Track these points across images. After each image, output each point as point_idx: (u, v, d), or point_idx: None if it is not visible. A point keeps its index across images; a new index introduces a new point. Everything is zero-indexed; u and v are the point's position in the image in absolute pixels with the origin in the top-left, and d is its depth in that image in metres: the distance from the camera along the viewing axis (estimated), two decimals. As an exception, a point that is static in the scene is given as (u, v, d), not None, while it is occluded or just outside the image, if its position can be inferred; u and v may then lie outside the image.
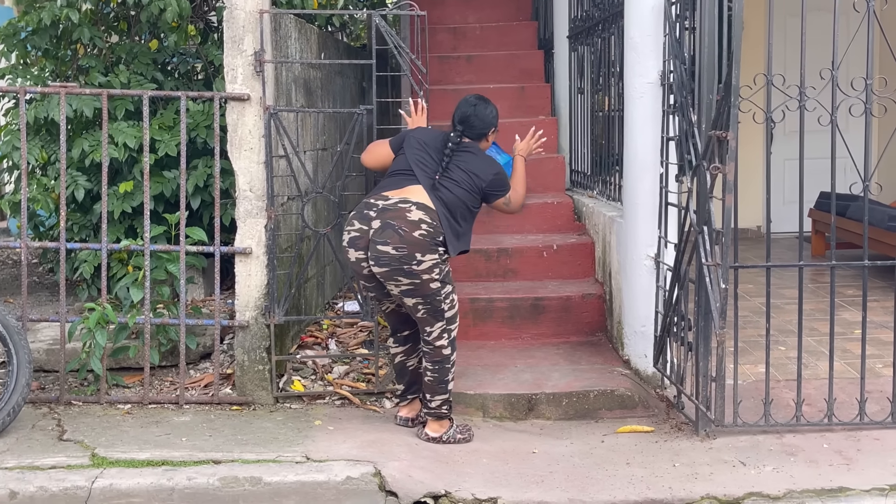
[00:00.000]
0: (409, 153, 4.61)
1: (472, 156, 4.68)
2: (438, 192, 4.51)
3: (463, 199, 4.57)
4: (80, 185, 6.04)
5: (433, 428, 4.63)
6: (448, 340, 4.59)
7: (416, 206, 4.42)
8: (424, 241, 4.37)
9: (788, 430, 4.59)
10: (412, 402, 4.86)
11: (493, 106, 4.83)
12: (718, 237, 4.38)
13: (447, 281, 4.55)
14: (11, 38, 6.50)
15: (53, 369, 5.34)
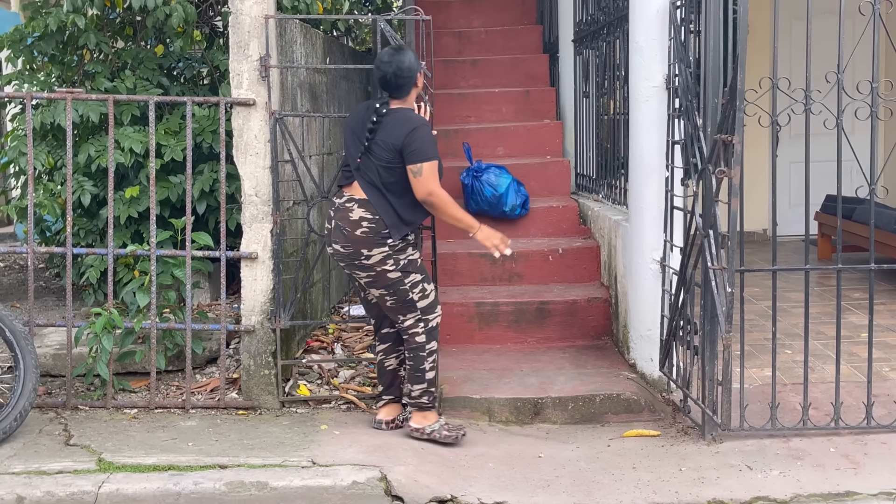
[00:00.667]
0: (346, 145, 4.64)
1: (393, 123, 4.44)
2: (364, 176, 4.49)
3: (389, 171, 4.45)
4: (86, 190, 6.05)
5: (416, 419, 4.66)
6: (424, 329, 4.61)
7: (357, 203, 4.48)
8: (367, 237, 4.45)
9: (795, 434, 4.58)
10: (389, 404, 4.83)
11: (410, 52, 4.54)
12: (724, 241, 4.37)
13: (410, 270, 4.55)
14: (18, 43, 6.53)
15: (60, 374, 5.35)
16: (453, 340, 5.95)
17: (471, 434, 4.80)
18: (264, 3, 4.97)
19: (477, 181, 6.76)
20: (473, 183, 6.77)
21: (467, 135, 7.51)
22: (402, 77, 4.46)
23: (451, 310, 5.97)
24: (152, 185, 5.11)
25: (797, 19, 8.10)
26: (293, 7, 5.99)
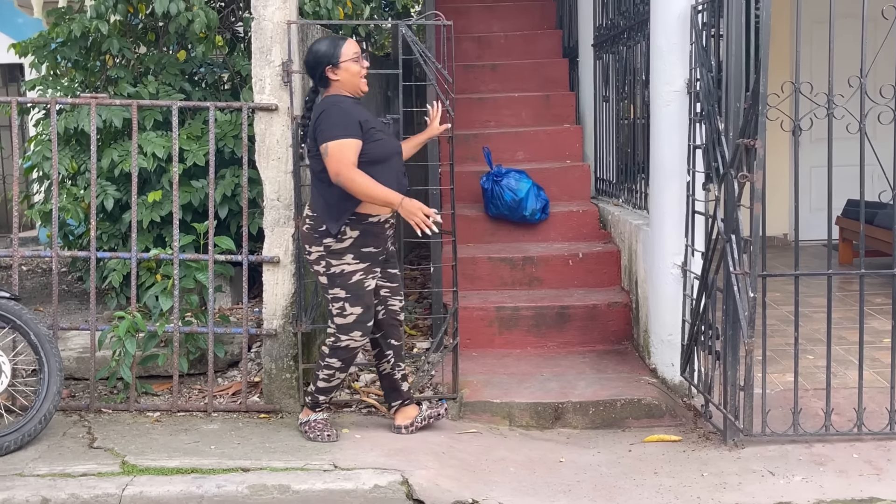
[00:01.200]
0: None
1: (315, 111, 4.45)
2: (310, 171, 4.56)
3: (316, 160, 4.42)
4: (109, 194, 6.10)
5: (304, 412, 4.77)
6: (333, 344, 4.56)
7: (309, 198, 4.64)
8: (308, 233, 4.52)
9: (817, 439, 4.56)
10: (401, 408, 4.84)
11: (324, 42, 4.46)
12: (746, 245, 4.37)
13: (337, 283, 4.46)
14: (42, 49, 6.59)
15: (83, 377, 5.39)
16: (473, 345, 5.96)
17: (491, 438, 4.81)
18: (287, 8, 4.99)
19: (497, 185, 6.76)
20: (493, 187, 6.78)
21: (487, 139, 7.52)
22: (308, 67, 4.49)
23: (471, 314, 5.99)
24: (175, 189, 5.14)
25: (818, 23, 8.08)
26: (314, 13, 6.02)
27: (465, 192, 6.90)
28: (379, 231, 4.50)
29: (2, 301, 4.63)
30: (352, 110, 4.38)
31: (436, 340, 5.48)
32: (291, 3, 5.03)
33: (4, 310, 4.61)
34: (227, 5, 6.97)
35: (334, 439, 4.62)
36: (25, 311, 4.67)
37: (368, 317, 4.56)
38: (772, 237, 9.19)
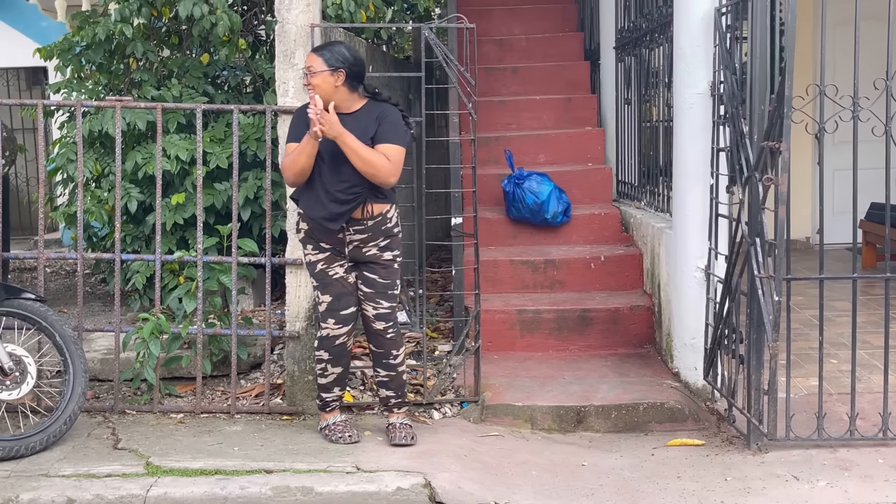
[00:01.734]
0: None
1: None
2: None
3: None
4: (132, 196, 6.14)
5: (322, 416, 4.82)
6: (317, 337, 4.69)
7: None
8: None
9: (842, 444, 4.53)
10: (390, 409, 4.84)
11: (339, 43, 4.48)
12: (771, 249, 4.35)
13: (310, 273, 4.64)
14: (66, 53, 6.64)
15: (108, 378, 5.42)
16: (495, 347, 5.95)
17: (514, 442, 4.81)
18: (310, 12, 5.01)
19: (518, 188, 6.76)
20: (515, 190, 6.77)
21: (508, 142, 7.51)
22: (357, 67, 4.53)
23: (492, 317, 5.98)
24: (199, 192, 5.17)
25: (841, 25, 8.03)
26: (337, 16, 6.04)
27: (486, 195, 6.89)
28: (328, 231, 4.50)
29: (27, 303, 4.66)
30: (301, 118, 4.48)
31: (457, 343, 5.49)
32: (315, 7, 5.05)
33: (30, 311, 4.65)
34: (249, 9, 7.00)
35: (355, 440, 4.62)
36: (51, 313, 4.71)
37: (340, 306, 4.56)
38: (794, 240, 9.13)
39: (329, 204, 4.43)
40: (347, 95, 4.43)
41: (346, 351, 4.67)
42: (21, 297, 4.67)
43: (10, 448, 4.36)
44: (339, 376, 4.69)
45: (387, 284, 4.59)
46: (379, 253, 4.57)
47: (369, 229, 4.51)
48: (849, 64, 4.57)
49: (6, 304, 4.59)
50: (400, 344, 4.71)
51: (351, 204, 4.43)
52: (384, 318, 4.61)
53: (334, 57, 4.37)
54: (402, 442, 4.61)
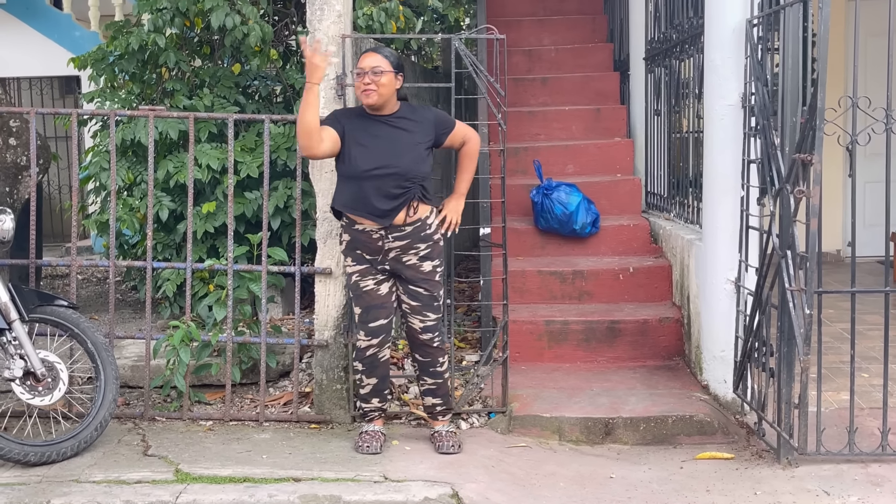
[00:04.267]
0: None
1: None
2: None
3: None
4: (164, 205, 6.19)
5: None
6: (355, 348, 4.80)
7: None
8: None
9: (873, 459, 4.49)
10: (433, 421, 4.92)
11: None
12: (802, 262, 4.32)
13: (348, 283, 4.74)
14: (100, 62, 6.71)
15: (138, 385, 5.46)
16: (522, 358, 5.95)
17: (541, 453, 4.80)
18: (341, 22, 5.04)
19: (547, 199, 6.76)
20: (544, 201, 6.77)
21: (537, 152, 7.51)
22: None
23: (520, 327, 5.98)
24: (230, 200, 5.20)
25: (872, 37, 7.97)
26: (367, 26, 6.07)
27: (514, 206, 6.90)
28: (366, 240, 4.55)
29: (60, 309, 4.71)
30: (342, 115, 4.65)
31: (485, 353, 5.49)
32: (346, 18, 5.08)
33: (63, 318, 4.70)
34: (280, 19, 7.05)
35: (374, 451, 4.60)
36: (83, 320, 4.75)
37: (369, 318, 4.61)
38: (825, 253, 9.02)
39: (380, 200, 4.49)
40: (394, 98, 4.58)
41: (380, 362, 4.69)
42: (54, 303, 4.72)
43: (41, 453, 4.41)
44: (376, 387, 4.72)
45: (432, 297, 4.64)
46: (419, 262, 4.59)
47: (408, 235, 4.54)
48: (881, 75, 4.54)
49: (39, 310, 4.64)
50: (445, 352, 4.78)
51: (401, 199, 4.50)
52: (431, 329, 4.67)
53: (396, 60, 4.54)
54: (450, 450, 4.64)
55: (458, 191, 4.79)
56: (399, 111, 4.60)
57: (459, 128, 4.71)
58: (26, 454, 4.37)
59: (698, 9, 5.83)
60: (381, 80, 4.44)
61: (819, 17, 4.19)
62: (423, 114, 4.66)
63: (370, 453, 4.60)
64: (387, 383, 4.78)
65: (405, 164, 4.49)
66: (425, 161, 4.57)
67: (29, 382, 4.53)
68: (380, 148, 4.50)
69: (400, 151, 4.50)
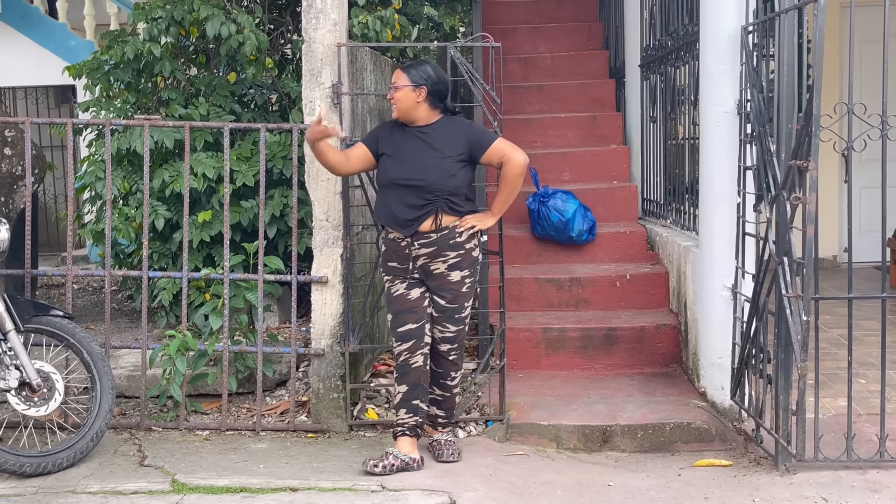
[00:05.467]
0: None
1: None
2: None
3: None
4: (159, 214, 6.18)
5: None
6: None
7: None
8: None
9: (871, 465, 4.48)
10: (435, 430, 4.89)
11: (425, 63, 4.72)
12: (799, 268, 4.31)
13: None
14: (96, 71, 6.70)
15: (134, 395, 5.44)
16: (519, 366, 5.94)
17: (539, 461, 4.79)
18: (337, 31, 5.04)
19: (543, 206, 6.76)
20: (540, 208, 6.77)
21: (533, 160, 7.43)
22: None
23: (517, 335, 5.97)
24: (226, 209, 5.20)
25: (867, 43, 7.99)
26: (363, 35, 6.07)
27: (511, 213, 6.83)
28: (395, 248, 4.58)
29: (56, 319, 4.70)
30: (381, 133, 4.72)
31: (482, 361, 5.48)
32: (342, 26, 5.09)
33: (59, 328, 4.68)
34: (276, 28, 7.05)
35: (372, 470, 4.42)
36: (79, 330, 4.74)
37: (398, 322, 4.59)
38: (821, 259, 9.04)
39: (402, 209, 4.53)
40: (428, 112, 4.60)
41: (411, 368, 4.58)
42: (49, 313, 4.71)
43: (37, 464, 4.39)
44: (405, 396, 4.58)
45: (454, 309, 4.60)
46: (447, 272, 4.56)
47: (435, 242, 4.53)
48: (874, 82, 4.54)
49: (35, 320, 4.63)
50: (459, 367, 4.73)
51: (423, 210, 4.51)
52: (450, 340, 4.65)
53: (419, 74, 4.56)
54: (450, 459, 4.63)
55: (491, 210, 4.74)
56: (435, 124, 4.61)
57: (498, 146, 4.62)
58: (22, 465, 4.35)
59: (693, 16, 5.84)
60: (397, 94, 4.56)
61: (814, 23, 4.19)
62: (458, 127, 4.63)
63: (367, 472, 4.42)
64: (418, 394, 4.60)
65: (430, 177, 4.50)
66: (456, 175, 4.54)
67: (24, 393, 4.51)
68: (407, 159, 4.55)
69: (426, 164, 4.52)
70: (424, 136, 4.57)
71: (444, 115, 4.64)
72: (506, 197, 4.69)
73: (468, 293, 4.64)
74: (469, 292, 4.65)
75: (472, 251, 4.63)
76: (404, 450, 4.53)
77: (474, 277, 4.67)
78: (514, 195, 4.70)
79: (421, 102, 4.56)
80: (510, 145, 4.66)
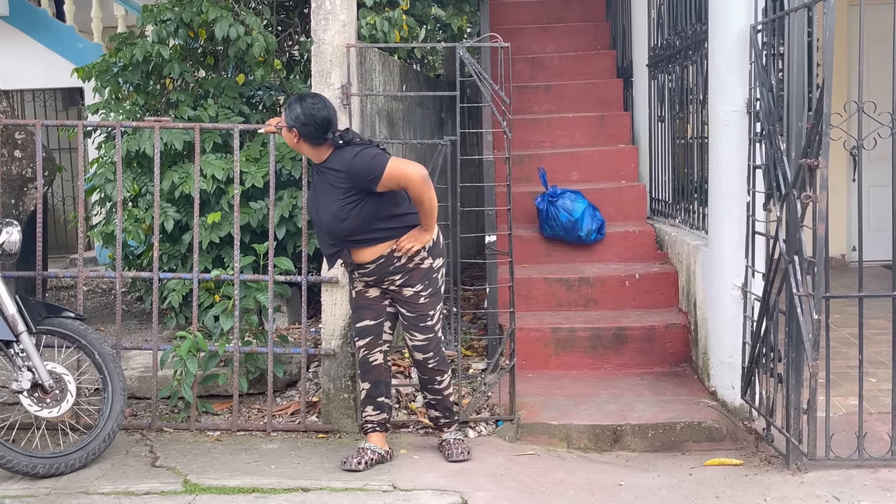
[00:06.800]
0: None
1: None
2: None
3: None
4: (169, 216, 6.19)
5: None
6: None
7: None
8: None
9: (883, 464, 4.47)
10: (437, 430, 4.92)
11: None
12: (810, 267, 4.31)
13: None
14: (104, 74, 6.72)
15: (145, 396, 5.46)
16: (529, 366, 5.94)
17: (549, 461, 4.79)
18: (346, 32, 5.05)
19: (552, 206, 6.76)
20: (549, 208, 6.77)
21: (541, 160, 7.52)
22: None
23: (526, 335, 5.97)
24: (236, 211, 5.21)
25: (875, 41, 7.98)
26: (371, 36, 6.08)
27: (519, 213, 6.90)
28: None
29: (67, 321, 4.71)
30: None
31: (492, 361, 5.49)
32: (350, 28, 5.09)
33: (70, 329, 4.70)
34: (284, 29, 7.07)
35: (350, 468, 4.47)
36: (90, 331, 4.75)
37: (357, 318, 4.67)
38: (829, 258, 9.05)
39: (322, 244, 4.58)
40: (312, 149, 4.43)
41: (371, 366, 4.64)
42: (61, 315, 4.72)
43: (50, 465, 4.40)
44: (369, 393, 4.67)
45: (417, 318, 4.58)
46: (398, 288, 4.56)
47: (373, 272, 4.53)
48: (883, 80, 4.53)
49: (46, 322, 4.65)
50: (444, 371, 4.72)
51: (335, 248, 4.51)
52: (421, 349, 4.64)
53: (289, 115, 4.41)
54: (459, 458, 4.63)
55: (422, 227, 4.47)
56: (328, 161, 4.40)
57: (391, 173, 4.29)
58: (34, 466, 4.36)
59: (702, 15, 5.84)
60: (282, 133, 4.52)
61: (824, 22, 4.19)
62: (346, 161, 4.32)
63: (348, 469, 4.48)
64: (381, 391, 4.68)
65: (326, 223, 4.42)
66: (349, 218, 4.33)
67: (37, 394, 4.53)
68: (313, 198, 4.54)
69: (322, 207, 4.43)
70: (323, 176, 4.42)
71: (335, 149, 4.38)
72: (427, 211, 4.42)
73: (429, 303, 4.56)
74: (430, 302, 4.57)
75: (420, 265, 4.51)
76: (378, 443, 4.64)
77: (433, 286, 4.56)
78: (434, 207, 4.42)
79: (299, 142, 4.41)
80: (401, 165, 4.35)
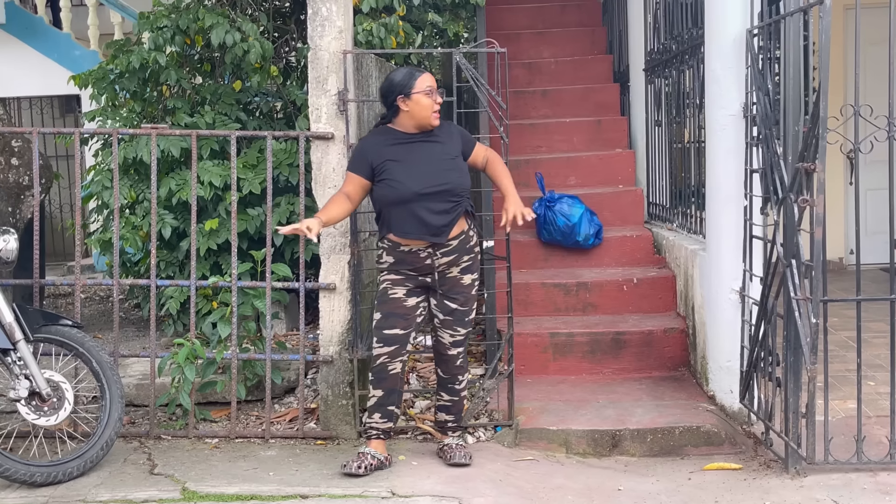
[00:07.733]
0: None
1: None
2: None
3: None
4: (166, 222, 6.19)
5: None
6: None
7: None
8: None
9: (882, 468, 4.47)
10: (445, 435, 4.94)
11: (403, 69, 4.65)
12: (808, 270, 4.31)
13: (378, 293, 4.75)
14: (101, 81, 6.73)
15: (143, 404, 5.44)
16: (527, 371, 5.93)
17: (548, 466, 4.78)
18: (342, 38, 5.05)
19: (550, 211, 6.76)
20: (546, 213, 6.77)
21: (538, 165, 7.52)
22: (382, 93, 4.62)
23: (524, 340, 5.97)
24: (234, 217, 5.21)
25: (871, 45, 8.00)
26: (367, 42, 6.08)
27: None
28: (413, 259, 4.56)
29: (65, 329, 4.70)
30: (368, 151, 4.57)
31: (490, 367, 5.48)
32: (347, 34, 5.10)
33: (67, 337, 4.69)
34: (280, 36, 7.07)
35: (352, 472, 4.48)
36: (87, 339, 4.74)
37: (387, 324, 4.57)
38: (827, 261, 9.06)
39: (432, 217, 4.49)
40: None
41: (389, 374, 4.61)
42: (59, 323, 4.71)
43: (48, 474, 4.39)
44: (380, 401, 4.64)
45: (466, 311, 4.65)
46: (460, 275, 4.61)
47: (455, 249, 4.56)
48: (879, 84, 4.54)
49: (44, 330, 4.64)
50: (466, 370, 4.77)
51: (453, 213, 4.52)
52: (460, 344, 4.68)
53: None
54: (461, 462, 4.63)
55: (509, 192, 4.72)
56: (438, 126, 4.63)
57: (479, 145, 4.80)
58: (32, 475, 4.35)
59: (698, 20, 5.84)
60: (439, 99, 4.57)
61: (819, 26, 4.20)
62: (449, 129, 4.68)
63: (348, 472, 4.48)
64: (393, 399, 4.67)
65: (454, 180, 4.53)
66: (467, 174, 4.63)
67: (34, 402, 4.52)
68: (425, 167, 4.52)
69: (446, 167, 4.54)
70: (435, 139, 4.59)
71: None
72: (509, 175, 4.81)
73: (476, 296, 4.71)
74: (476, 295, 4.72)
75: (478, 254, 4.72)
76: (378, 449, 4.63)
77: (480, 280, 4.75)
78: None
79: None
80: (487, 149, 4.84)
